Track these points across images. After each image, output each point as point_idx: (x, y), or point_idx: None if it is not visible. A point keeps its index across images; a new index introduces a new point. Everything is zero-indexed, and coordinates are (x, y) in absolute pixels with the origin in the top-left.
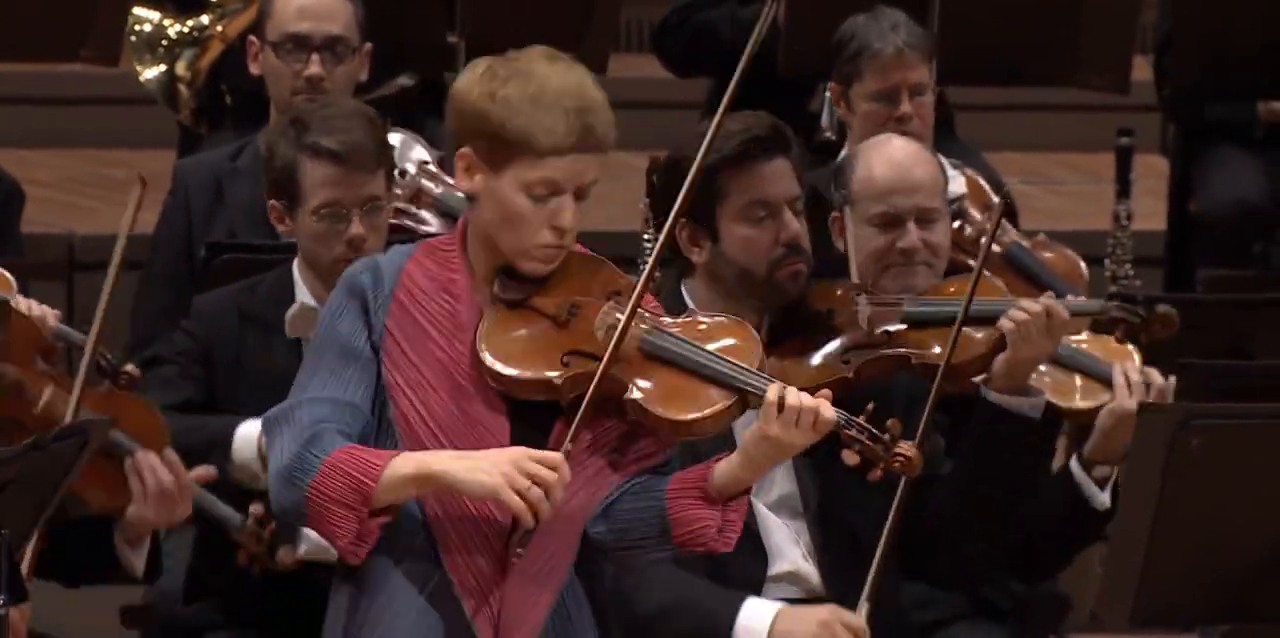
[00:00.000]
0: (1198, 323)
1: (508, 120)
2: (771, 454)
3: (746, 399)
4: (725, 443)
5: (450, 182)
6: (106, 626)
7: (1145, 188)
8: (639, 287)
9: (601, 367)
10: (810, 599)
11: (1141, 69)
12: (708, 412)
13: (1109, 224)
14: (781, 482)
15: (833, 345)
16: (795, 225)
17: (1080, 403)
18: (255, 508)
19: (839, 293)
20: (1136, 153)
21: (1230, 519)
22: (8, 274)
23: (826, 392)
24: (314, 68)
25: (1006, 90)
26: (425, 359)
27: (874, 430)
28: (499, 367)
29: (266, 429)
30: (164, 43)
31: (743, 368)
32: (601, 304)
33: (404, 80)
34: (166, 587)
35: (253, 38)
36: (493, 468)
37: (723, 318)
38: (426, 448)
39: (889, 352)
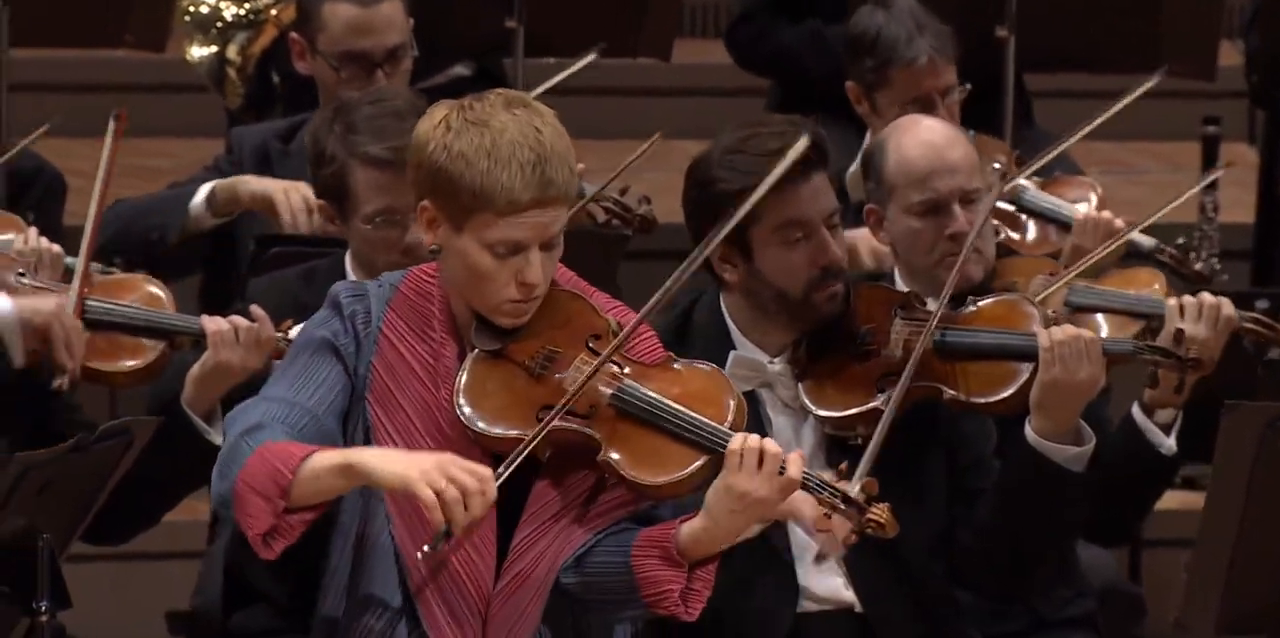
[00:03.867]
0: None
1: (463, 176)
2: (735, 508)
3: (720, 458)
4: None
5: None
6: (153, 631)
7: (1232, 178)
8: (613, 345)
9: (551, 415)
10: (841, 613)
11: (1228, 54)
12: (679, 475)
13: (1194, 216)
14: None
15: (867, 369)
16: (833, 247)
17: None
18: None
19: (880, 305)
20: (1223, 141)
21: None
22: (14, 215)
23: (799, 451)
24: (379, 84)
25: (1086, 77)
26: (411, 403)
27: (846, 492)
28: (476, 423)
29: (226, 424)
30: (218, 24)
31: (712, 426)
32: (578, 353)
33: (460, 70)
34: (212, 594)
35: (296, 36)
36: (412, 463)
37: (701, 367)
38: None
39: (921, 384)
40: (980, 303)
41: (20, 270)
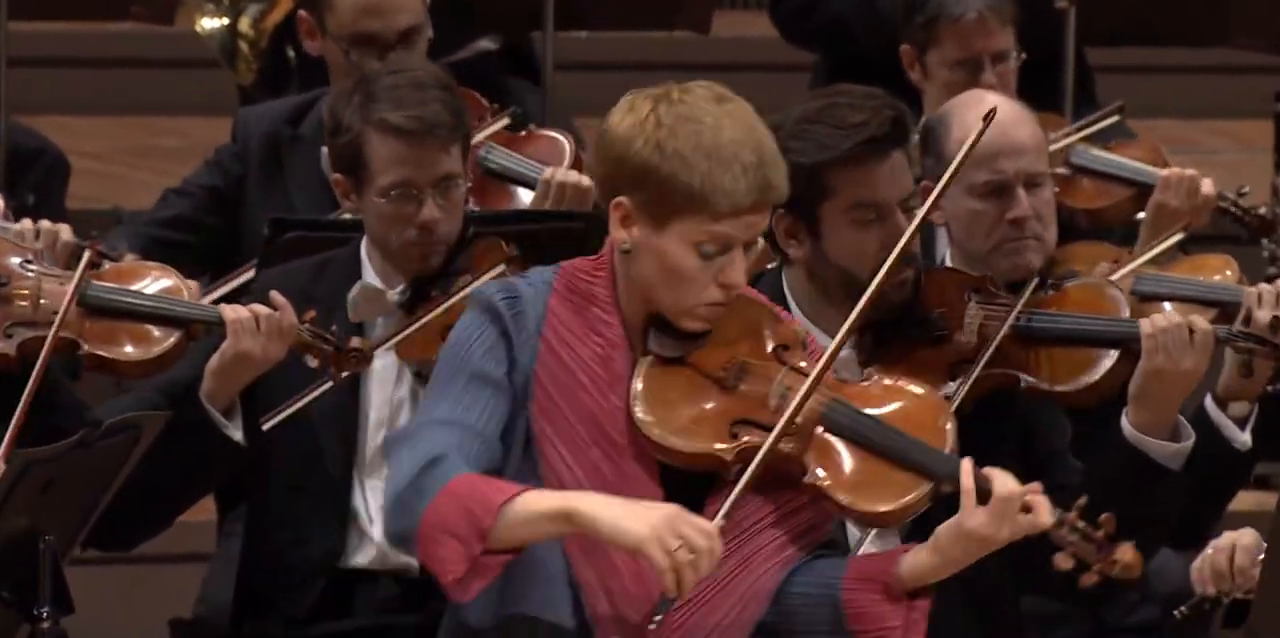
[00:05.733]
0: None
1: (678, 177)
2: (973, 551)
3: (940, 487)
4: None
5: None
6: None
7: None
8: (826, 357)
9: (769, 442)
10: None
11: None
12: (902, 503)
13: (1267, 198)
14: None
15: (939, 355)
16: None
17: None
18: (307, 313)
19: (952, 289)
20: None
21: None
22: None
23: (1037, 485)
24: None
25: (1151, 51)
26: (577, 410)
27: (1088, 530)
28: (663, 437)
29: (388, 449)
30: None
31: (937, 453)
32: (771, 365)
33: (486, 44)
34: (217, 600)
35: (304, 15)
36: (642, 519)
37: (909, 386)
38: None
39: (996, 371)
40: (1063, 286)
41: (28, 257)
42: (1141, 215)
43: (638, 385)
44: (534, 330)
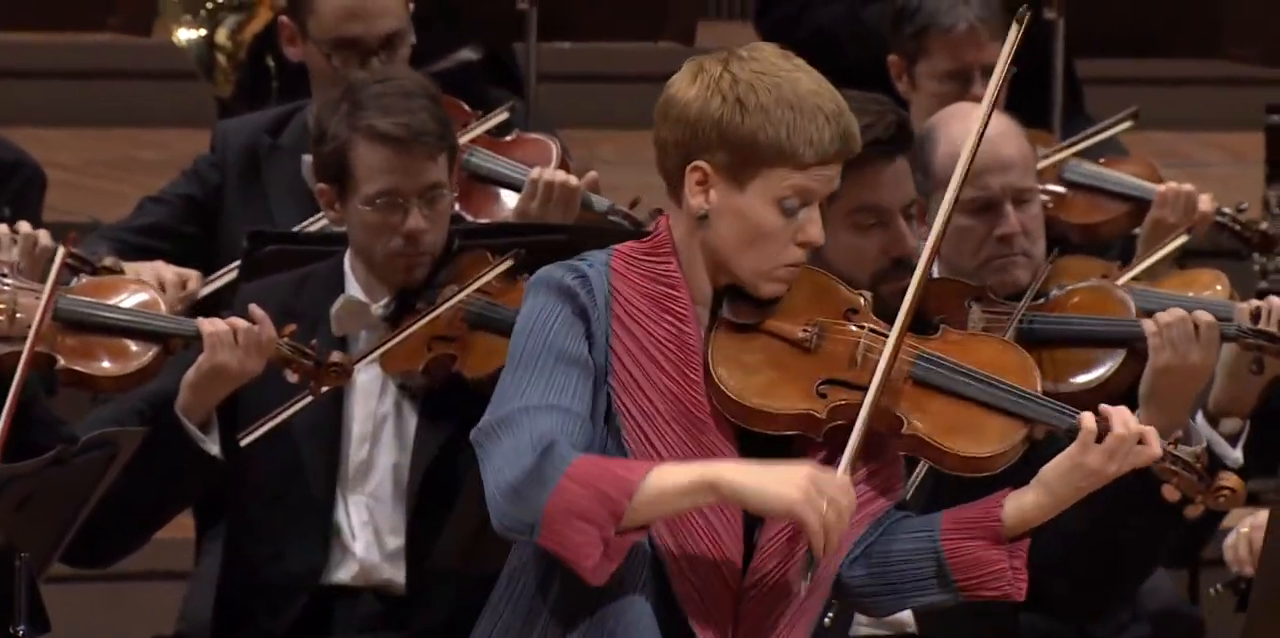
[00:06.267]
0: None
1: (763, 131)
2: (1083, 488)
3: (1034, 429)
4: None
5: None
6: None
7: None
8: (907, 307)
9: (874, 389)
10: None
11: None
12: (1005, 446)
13: (1258, 212)
14: None
15: None
16: (907, 239)
17: None
18: (287, 328)
19: (952, 297)
20: None
21: None
22: None
23: (1150, 428)
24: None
25: (1142, 62)
26: (655, 387)
27: (1191, 463)
28: (749, 399)
29: (481, 438)
30: (207, 5)
31: (1034, 396)
32: (847, 326)
33: (468, 54)
34: (197, 618)
35: (286, 20)
36: (789, 483)
37: (986, 337)
38: None
39: None
40: (1066, 289)
41: (3, 271)
42: (1137, 231)
43: (716, 354)
44: (605, 309)
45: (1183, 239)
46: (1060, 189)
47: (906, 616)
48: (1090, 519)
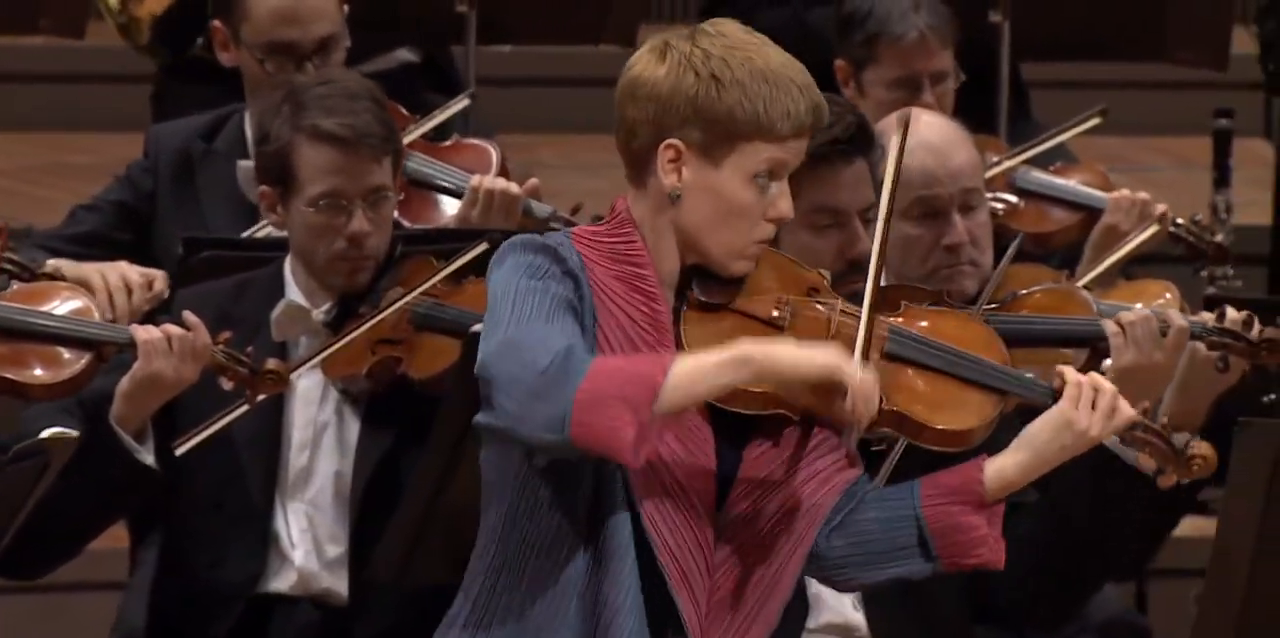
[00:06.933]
0: None
1: (740, 105)
2: (1067, 444)
3: (1008, 403)
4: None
5: None
6: None
7: (1247, 176)
8: (870, 283)
9: (855, 358)
10: None
11: (1242, 41)
12: (983, 420)
13: (1205, 216)
14: None
15: None
16: (863, 242)
17: None
18: (222, 335)
19: (909, 299)
20: (1236, 136)
21: None
22: None
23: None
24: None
25: (1088, 66)
26: None
27: (1164, 430)
28: None
29: (489, 363)
30: None
31: (1006, 369)
32: (814, 303)
33: (406, 55)
34: (132, 628)
35: (217, 25)
36: (822, 352)
37: (949, 312)
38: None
39: None
40: (1025, 292)
41: None
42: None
43: (690, 335)
44: (586, 281)
45: (1151, 231)
46: (1012, 198)
47: (860, 623)
48: (1046, 523)
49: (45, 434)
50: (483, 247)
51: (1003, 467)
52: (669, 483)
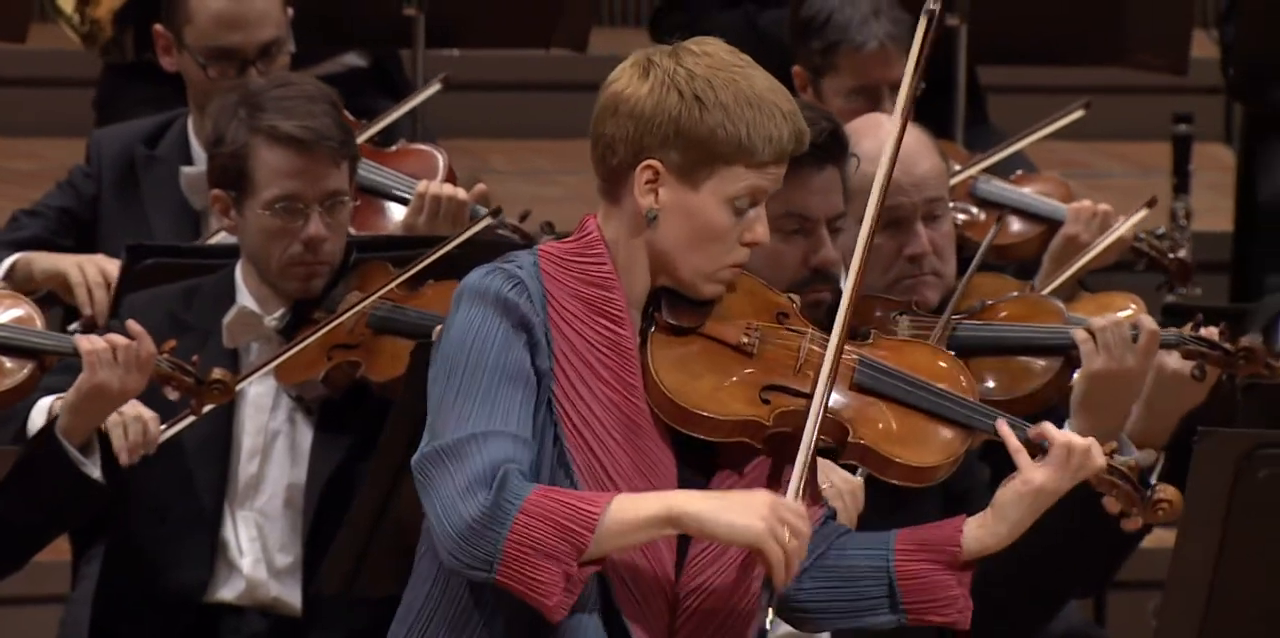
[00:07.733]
0: None
1: (723, 128)
2: (1039, 508)
3: (975, 438)
4: None
5: None
6: None
7: (1206, 181)
8: (843, 314)
9: (817, 401)
10: None
11: (1202, 45)
12: (949, 456)
13: (1165, 223)
14: None
15: None
16: (830, 250)
17: None
18: (167, 344)
19: (879, 308)
20: (1196, 142)
21: None
22: None
23: (1092, 439)
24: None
25: (1046, 70)
26: (592, 393)
27: (1128, 474)
28: (694, 404)
29: (426, 468)
30: None
31: (976, 404)
32: (785, 330)
33: (353, 59)
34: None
35: (160, 29)
36: (752, 513)
37: (917, 343)
38: (605, 490)
39: None
40: (994, 301)
41: None
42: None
43: (657, 358)
44: (544, 314)
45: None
46: (973, 208)
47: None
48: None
49: None
50: (443, 250)
51: (980, 534)
52: None
